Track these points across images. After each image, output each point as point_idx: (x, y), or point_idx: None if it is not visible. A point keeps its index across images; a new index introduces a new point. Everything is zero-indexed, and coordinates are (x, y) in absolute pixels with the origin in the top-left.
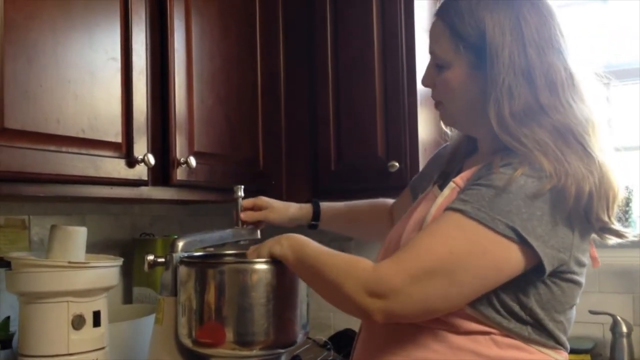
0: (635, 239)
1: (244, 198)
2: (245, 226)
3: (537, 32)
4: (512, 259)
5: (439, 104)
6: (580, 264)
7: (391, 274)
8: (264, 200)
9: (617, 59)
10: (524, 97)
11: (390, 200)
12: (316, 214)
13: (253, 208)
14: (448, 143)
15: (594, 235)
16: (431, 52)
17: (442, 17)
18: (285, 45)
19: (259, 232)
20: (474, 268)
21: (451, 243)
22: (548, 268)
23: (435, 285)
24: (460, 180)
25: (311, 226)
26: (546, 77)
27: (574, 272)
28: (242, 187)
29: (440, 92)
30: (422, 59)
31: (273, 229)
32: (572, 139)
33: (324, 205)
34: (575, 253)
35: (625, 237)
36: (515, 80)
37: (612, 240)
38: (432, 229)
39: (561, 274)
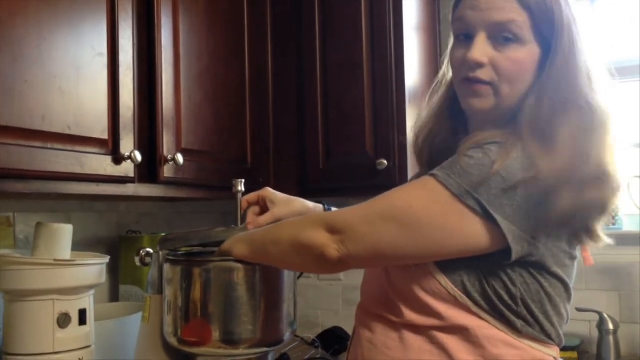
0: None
1: (244, 193)
2: (243, 225)
3: (586, 37)
4: (473, 232)
5: (483, 83)
6: (560, 263)
7: (349, 213)
8: (270, 192)
9: (617, 56)
10: (584, 90)
11: None
12: None
13: (258, 202)
14: None
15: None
16: (498, 22)
17: None
18: (274, 43)
19: None
20: (428, 226)
21: (412, 199)
22: (515, 249)
23: (387, 230)
24: (445, 163)
25: None
26: (593, 74)
27: (555, 267)
28: (243, 181)
29: (500, 69)
30: (411, 57)
31: None
32: (596, 138)
33: (335, 209)
34: (552, 249)
35: (601, 243)
36: (580, 74)
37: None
38: (401, 187)
39: (548, 267)
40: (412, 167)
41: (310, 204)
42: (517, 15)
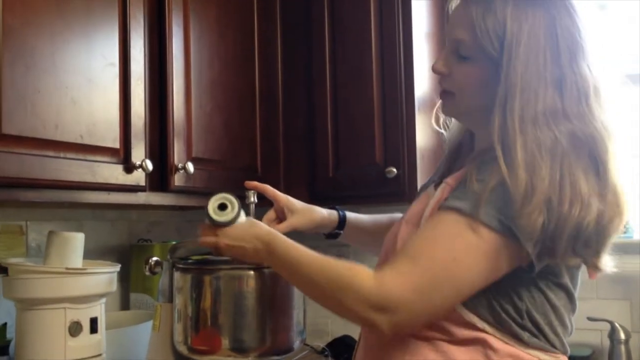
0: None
1: (257, 204)
2: None
3: (572, 40)
4: (506, 255)
5: (447, 93)
6: (566, 273)
7: (396, 288)
8: (289, 200)
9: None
10: (551, 100)
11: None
12: (341, 223)
13: (275, 210)
14: (445, 139)
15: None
16: (455, 39)
17: (472, 6)
18: (284, 52)
19: None
20: (476, 271)
21: (452, 248)
22: (538, 265)
23: (441, 295)
24: (452, 180)
25: (332, 235)
26: (577, 86)
27: (560, 277)
28: (255, 192)
29: (456, 82)
30: (420, 66)
31: None
32: (588, 153)
33: (350, 215)
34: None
35: (600, 271)
36: (545, 87)
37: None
38: (430, 233)
39: (553, 278)
40: (421, 176)
41: (325, 212)
42: (464, 35)
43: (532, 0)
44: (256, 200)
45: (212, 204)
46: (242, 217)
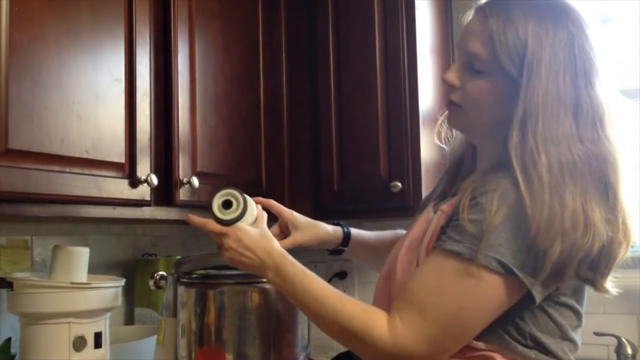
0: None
1: None
2: None
3: (588, 62)
4: (510, 292)
5: (454, 105)
6: (570, 291)
7: (409, 341)
8: (293, 215)
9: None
10: (567, 123)
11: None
12: (346, 239)
13: (280, 224)
14: (446, 153)
15: None
16: (470, 52)
17: (490, 19)
18: (288, 67)
19: None
20: (483, 313)
21: (457, 297)
22: (537, 297)
23: (452, 340)
24: (447, 207)
25: (336, 252)
26: (593, 109)
27: (564, 296)
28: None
29: (466, 96)
30: (425, 80)
31: None
32: (599, 178)
33: (354, 231)
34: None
35: (606, 292)
36: (564, 109)
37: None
38: (434, 282)
39: (555, 298)
40: (426, 190)
41: (329, 229)
42: (480, 49)
43: (552, 17)
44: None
45: (217, 201)
46: (252, 213)
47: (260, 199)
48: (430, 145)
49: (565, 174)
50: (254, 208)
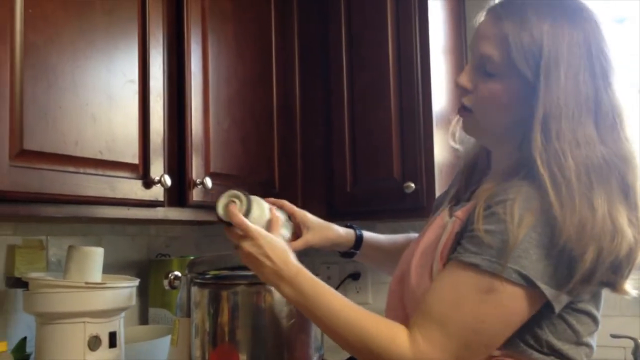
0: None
1: None
2: None
3: (605, 60)
4: (531, 305)
5: (466, 110)
6: (587, 298)
7: (432, 359)
8: (306, 216)
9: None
10: (589, 129)
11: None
12: (358, 242)
13: (294, 224)
14: (460, 155)
15: None
16: (483, 54)
17: (503, 21)
18: (301, 68)
19: None
20: (504, 326)
21: (477, 311)
22: (557, 307)
23: (475, 352)
24: (461, 213)
25: (348, 254)
26: (612, 110)
27: (581, 303)
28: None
29: (479, 99)
30: (438, 81)
31: None
32: (621, 179)
33: (367, 234)
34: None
35: (626, 294)
36: (585, 110)
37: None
38: (453, 296)
39: (574, 305)
40: (439, 191)
41: (342, 231)
42: (494, 51)
43: (568, 17)
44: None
45: (222, 202)
46: (262, 215)
47: (272, 199)
48: (444, 145)
49: (592, 178)
50: (264, 210)
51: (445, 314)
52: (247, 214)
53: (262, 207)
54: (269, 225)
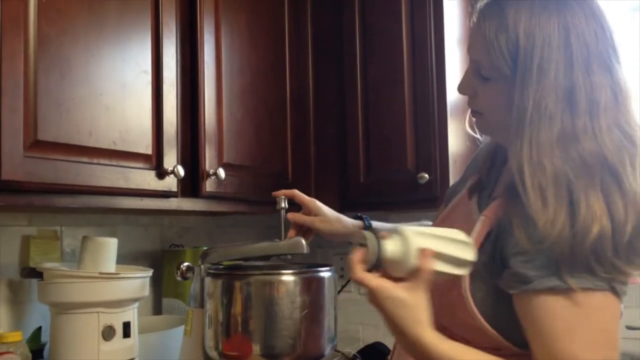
0: None
1: (287, 210)
2: (286, 239)
3: (587, 47)
4: (616, 305)
5: (477, 113)
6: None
7: None
8: (317, 205)
9: None
10: (561, 121)
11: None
12: None
13: (304, 212)
14: (482, 145)
15: None
16: (474, 60)
17: (485, 23)
18: (315, 58)
19: (305, 245)
20: (612, 335)
21: (572, 339)
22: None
23: None
24: (490, 213)
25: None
26: (588, 98)
27: None
28: (286, 198)
29: (482, 102)
30: (452, 71)
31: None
32: (601, 171)
33: (376, 224)
34: None
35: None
36: (556, 103)
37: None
38: (559, 330)
39: None
40: (453, 181)
41: (350, 224)
42: (480, 55)
43: (547, 10)
44: (287, 206)
45: (353, 247)
46: (402, 258)
47: (283, 191)
48: (458, 136)
49: (579, 177)
50: (410, 250)
51: (549, 353)
52: (376, 258)
53: (404, 249)
54: (413, 272)
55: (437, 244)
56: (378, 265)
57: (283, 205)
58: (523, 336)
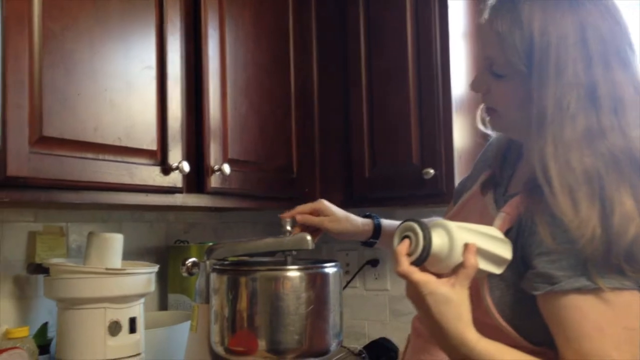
0: None
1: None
2: (291, 234)
3: (604, 43)
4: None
5: (491, 110)
6: None
7: None
8: (325, 205)
9: None
10: (586, 119)
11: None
12: (376, 231)
13: (312, 213)
14: (491, 140)
15: None
16: (487, 57)
17: (498, 20)
18: (319, 52)
19: (310, 241)
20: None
21: (617, 333)
22: None
23: None
24: (510, 209)
25: (367, 243)
26: (611, 95)
27: None
28: (290, 221)
29: (496, 100)
30: (457, 65)
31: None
32: (630, 167)
33: (385, 222)
34: None
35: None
36: (578, 101)
37: None
38: (588, 332)
39: None
40: (459, 177)
41: (359, 223)
42: (494, 52)
43: (561, 6)
44: (292, 230)
45: (397, 237)
46: (450, 254)
47: (287, 214)
48: (464, 131)
49: (604, 174)
50: (456, 245)
51: (577, 354)
52: (422, 256)
53: (450, 244)
54: (457, 268)
55: (480, 240)
56: (423, 258)
57: (288, 228)
58: (541, 334)
